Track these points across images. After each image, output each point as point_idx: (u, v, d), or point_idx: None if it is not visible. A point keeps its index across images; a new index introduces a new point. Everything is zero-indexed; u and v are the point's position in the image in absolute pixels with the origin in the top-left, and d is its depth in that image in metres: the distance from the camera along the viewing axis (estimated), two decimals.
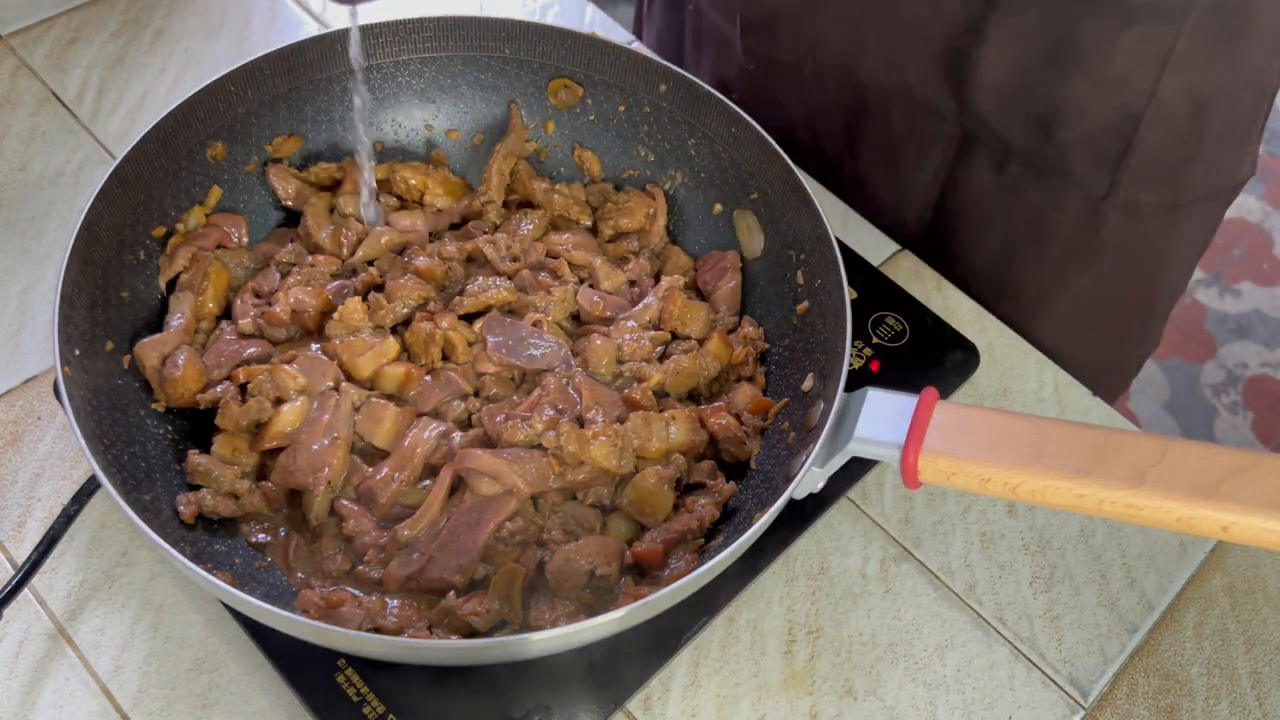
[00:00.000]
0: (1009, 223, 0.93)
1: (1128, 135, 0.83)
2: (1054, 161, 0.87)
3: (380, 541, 0.65)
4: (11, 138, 0.90)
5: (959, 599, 0.72)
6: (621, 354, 0.73)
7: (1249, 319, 2.24)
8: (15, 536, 0.70)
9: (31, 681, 0.65)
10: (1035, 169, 0.88)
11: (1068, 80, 0.81)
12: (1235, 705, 0.70)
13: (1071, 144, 0.85)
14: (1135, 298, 0.99)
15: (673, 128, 0.80)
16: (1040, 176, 0.88)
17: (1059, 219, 0.90)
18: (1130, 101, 0.81)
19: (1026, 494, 0.55)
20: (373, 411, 0.69)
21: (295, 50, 0.76)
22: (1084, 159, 0.86)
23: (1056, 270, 0.94)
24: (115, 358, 0.68)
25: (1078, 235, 0.91)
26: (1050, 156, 0.86)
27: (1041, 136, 0.85)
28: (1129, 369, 1.08)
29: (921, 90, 0.87)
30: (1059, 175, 0.87)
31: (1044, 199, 0.90)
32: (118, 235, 0.70)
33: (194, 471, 0.66)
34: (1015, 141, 0.87)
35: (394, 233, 0.78)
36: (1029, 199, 0.90)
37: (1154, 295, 1.00)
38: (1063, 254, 0.93)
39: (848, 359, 0.64)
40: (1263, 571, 0.75)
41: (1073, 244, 0.92)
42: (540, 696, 0.64)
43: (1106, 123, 0.83)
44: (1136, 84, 0.80)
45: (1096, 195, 0.87)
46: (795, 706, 0.67)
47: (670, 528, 0.66)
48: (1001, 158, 0.89)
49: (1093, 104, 0.82)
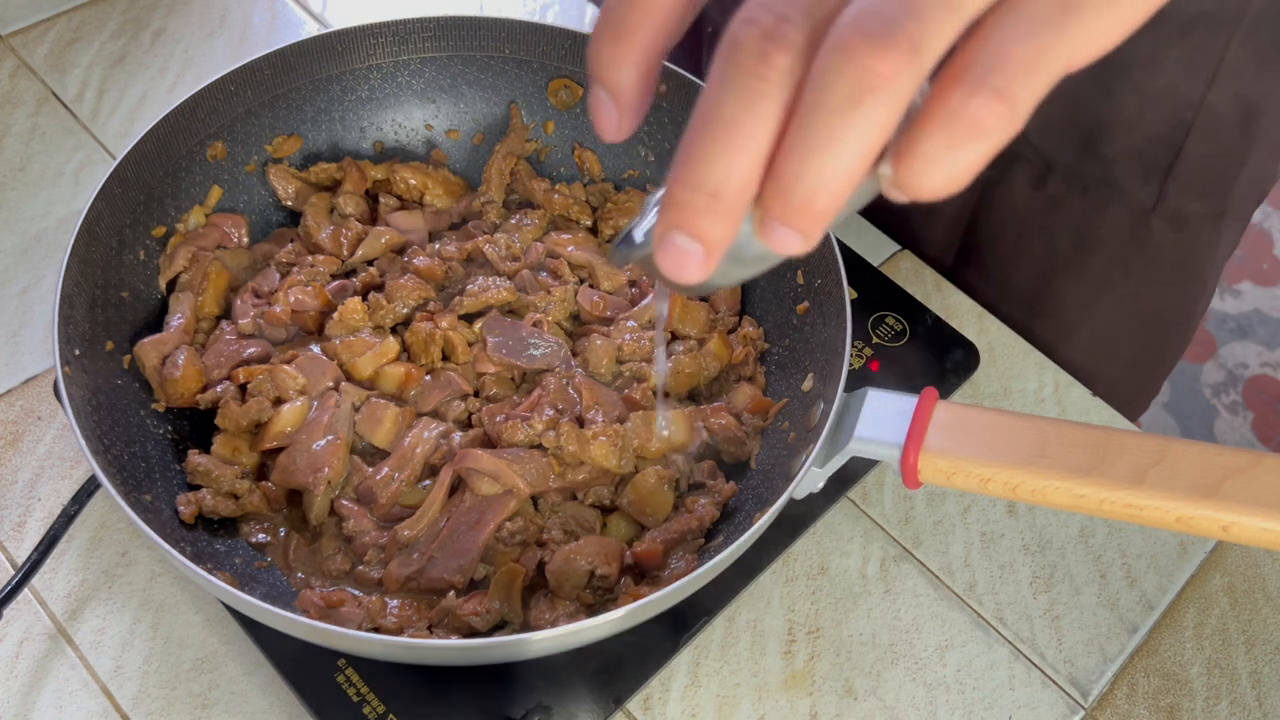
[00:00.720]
0: (1049, 240, 0.91)
1: (1176, 146, 0.82)
2: (1099, 175, 0.85)
3: (380, 541, 0.65)
4: (11, 138, 0.90)
5: (959, 599, 0.72)
6: (621, 354, 0.73)
7: (1249, 319, 2.24)
8: (15, 536, 0.70)
9: (31, 681, 0.65)
10: (1079, 184, 0.87)
11: (1115, 95, 0.80)
12: (1235, 705, 0.70)
13: (1117, 158, 0.84)
14: (1176, 309, 0.97)
15: (673, 128, 0.80)
16: (1084, 191, 0.87)
17: (1103, 233, 0.89)
18: (1179, 112, 0.80)
19: (1026, 494, 0.55)
20: (373, 411, 0.69)
21: (295, 50, 0.76)
22: (1131, 171, 0.84)
23: (1099, 285, 0.92)
24: (115, 358, 0.68)
25: (1121, 248, 0.89)
26: (1095, 171, 0.85)
27: (1086, 152, 0.84)
28: (1156, 384, 1.07)
29: None
30: (1104, 189, 0.86)
31: (1087, 214, 0.88)
32: (118, 235, 0.70)
33: (194, 471, 0.66)
34: (1058, 158, 0.86)
35: (394, 233, 0.78)
36: (1071, 214, 0.89)
37: (1194, 305, 0.98)
38: (1106, 268, 0.91)
39: (848, 359, 0.64)
40: (1263, 571, 0.75)
41: (1117, 257, 0.90)
42: (540, 696, 0.64)
43: (1155, 134, 0.82)
44: (1186, 95, 0.79)
45: (1145, 207, 0.86)
46: (795, 706, 0.67)
47: (670, 528, 0.66)
48: (1042, 174, 0.87)
49: (1141, 117, 0.81)
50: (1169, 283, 0.93)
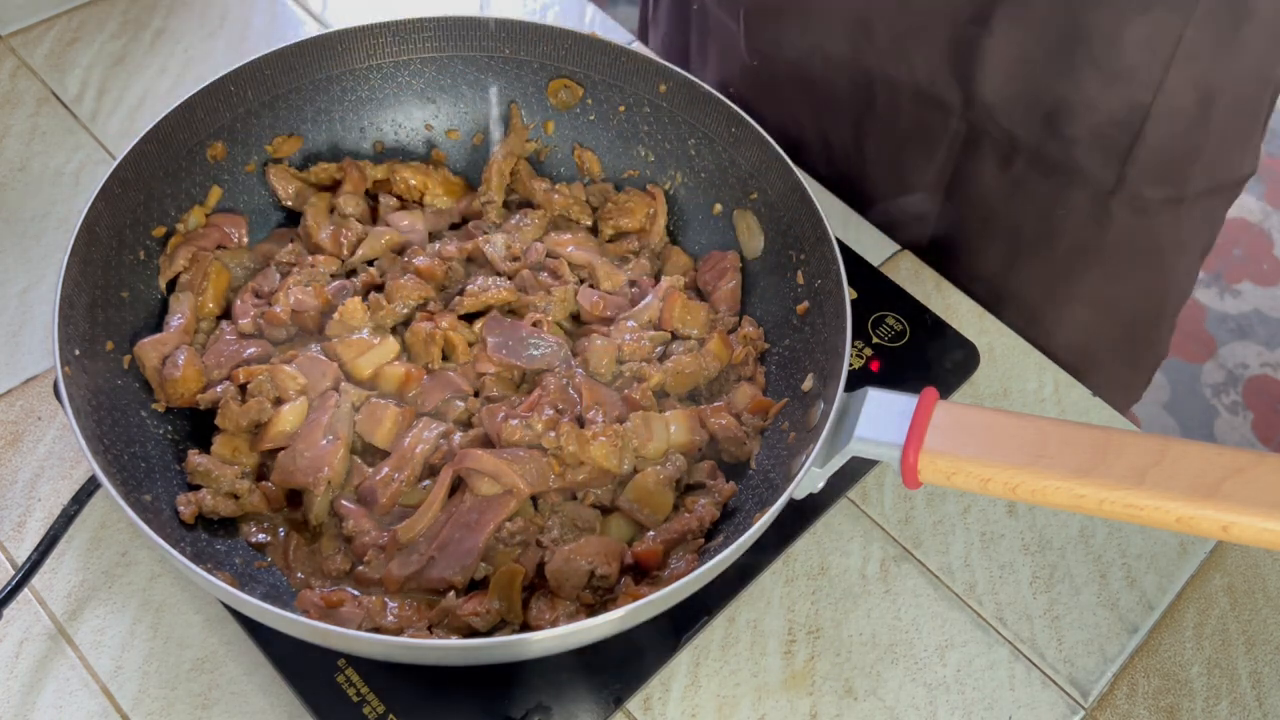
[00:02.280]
0: (1015, 222, 0.93)
1: (1135, 129, 0.83)
2: (1061, 157, 0.86)
3: (380, 541, 0.65)
4: (11, 138, 0.90)
5: (959, 599, 0.72)
6: (621, 354, 0.73)
7: (1249, 319, 2.24)
8: (15, 536, 0.70)
9: (31, 681, 0.65)
10: (1042, 165, 0.88)
11: (1075, 72, 0.81)
12: (1235, 705, 0.70)
13: (1078, 138, 0.85)
14: (1143, 298, 0.98)
15: (673, 128, 0.80)
16: (1047, 173, 0.88)
17: (1065, 216, 0.90)
18: (1138, 94, 0.81)
19: (1026, 494, 0.55)
20: (373, 411, 0.69)
21: (295, 50, 0.76)
22: (1091, 154, 0.85)
23: (1063, 270, 0.94)
24: (115, 358, 0.68)
25: (1084, 233, 0.91)
26: (1057, 152, 0.86)
27: (1048, 131, 0.85)
28: (1140, 377, 1.08)
29: (929, 83, 0.87)
30: (1066, 171, 0.87)
31: (1050, 196, 0.89)
32: (118, 235, 0.70)
33: (194, 471, 0.66)
34: (1022, 136, 0.87)
35: (394, 233, 0.78)
36: (1035, 196, 0.90)
37: (1162, 295, 0.99)
38: (1069, 253, 0.92)
39: (848, 359, 0.64)
40: (1263, 571, 0.75)
41: (1079, 242, 0.91)
42: (540, 696, 0.64)
43: (1114, 116, 0.83)
44: (1144, 76, 0.80)
45: (1104, 190, 0.87)
46: (795, 706, 0.67)
47: (670, 528, 0.66)
48: (1008, 154, 0.89)
49: (1100, 97, 0.82)
50: (1132, 271, 0.94)
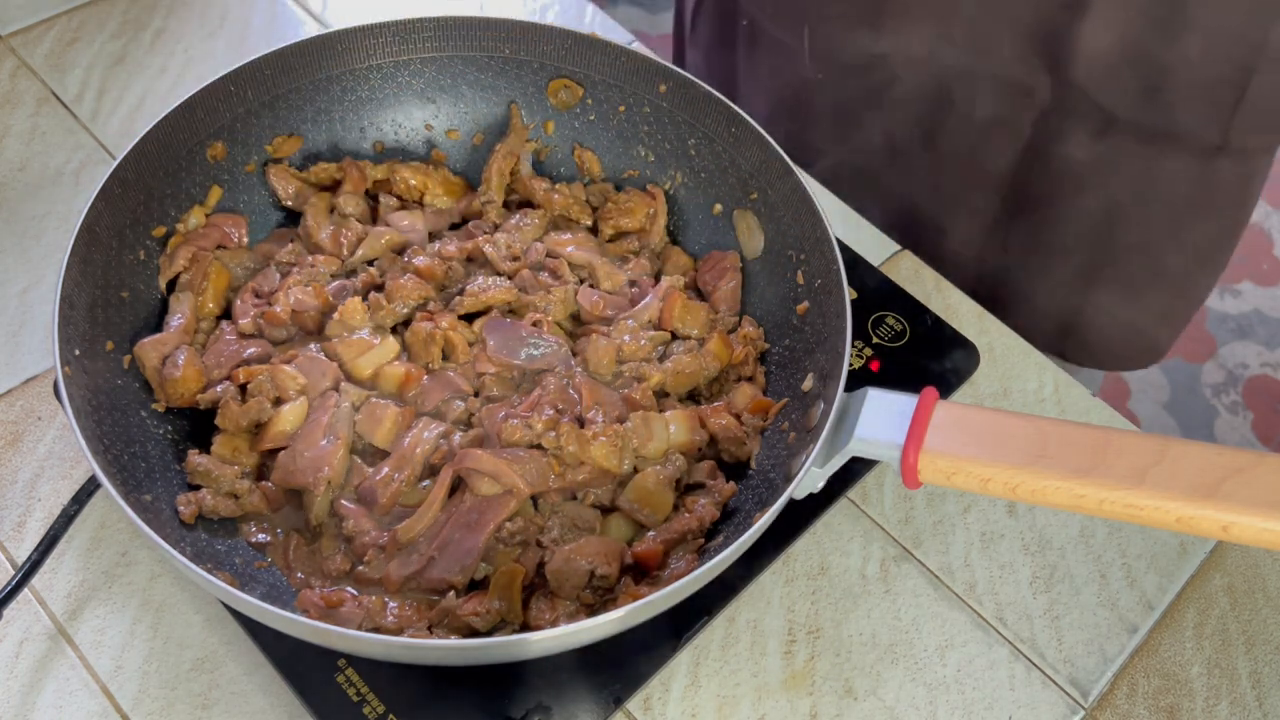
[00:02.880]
0: (1109, 191, 0.92)
1: (1242, 85, 0.83)
2: (1162, 122, 0.86)
3: (380, 541, 0.65)
4: (11, 138, 0.90)
5: (959, 599, 0.72)
6: (621, 354, 0.73)
7: (1249, 319, 2.24)
8: (15, 536, 0.70)
9: (31, 681, 0.65)
10: (1140, 133, 0.88)
11: (1177, 40, 0.81)
12: (1235, 705, 0.70)
13: (1179, 102, 0.85)
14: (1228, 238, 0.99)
15: (673, 128, 0.80)
16: (1147, 140, 0.88)
17: (1162, 181, 0.90)
18: (1241, 53, 0.81)
19: (1026, 494, 0.55)
20: (373, 411, 0.69)
21: (295, 50, 0.76)
22: (1194, 114, 0.85)
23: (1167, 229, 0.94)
24: (115, 358, 0.68)
25: (1187, 192, 0.91)
26: (1156, 119, 0.86)
27: (1148, 100, 0.85)
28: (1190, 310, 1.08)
29: (1011, 71, 0.87)
30: (1167, 134, 0.87)
31: (1150, 161, 0.89)
32: (118, 235, 0.70)
33: (194, 471, 0.66)
34: (1119, 109, 0.87)
35: (394, 233, 0.78)
36: (1133, 164, 0.90)
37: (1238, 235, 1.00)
38: (1170, 212, 0.92)
39: (848, 359, 0.64)
40: (1263, 571, 0.75)
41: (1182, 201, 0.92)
42: (540, 696, 0.64)
43: (1220, 75, 0.83)
44: (1250, 35, 0.80)
45: (1211, 146, 0.87)
46: (795, 706, 0.67)
47: (670, 528, 0.66)
48: (1102, 128, 0.88)
49: (1203, 60, 0.82)
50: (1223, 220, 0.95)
